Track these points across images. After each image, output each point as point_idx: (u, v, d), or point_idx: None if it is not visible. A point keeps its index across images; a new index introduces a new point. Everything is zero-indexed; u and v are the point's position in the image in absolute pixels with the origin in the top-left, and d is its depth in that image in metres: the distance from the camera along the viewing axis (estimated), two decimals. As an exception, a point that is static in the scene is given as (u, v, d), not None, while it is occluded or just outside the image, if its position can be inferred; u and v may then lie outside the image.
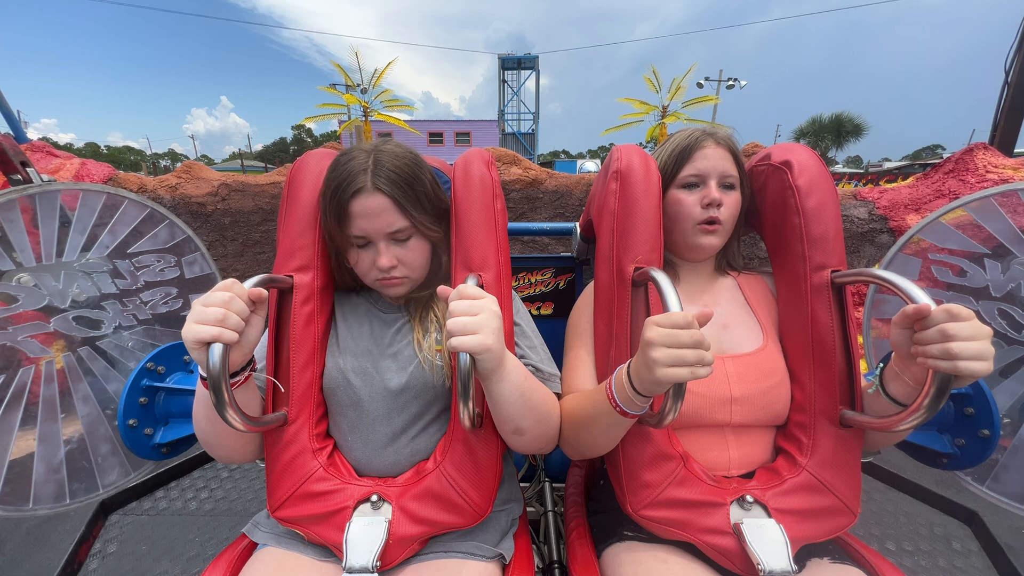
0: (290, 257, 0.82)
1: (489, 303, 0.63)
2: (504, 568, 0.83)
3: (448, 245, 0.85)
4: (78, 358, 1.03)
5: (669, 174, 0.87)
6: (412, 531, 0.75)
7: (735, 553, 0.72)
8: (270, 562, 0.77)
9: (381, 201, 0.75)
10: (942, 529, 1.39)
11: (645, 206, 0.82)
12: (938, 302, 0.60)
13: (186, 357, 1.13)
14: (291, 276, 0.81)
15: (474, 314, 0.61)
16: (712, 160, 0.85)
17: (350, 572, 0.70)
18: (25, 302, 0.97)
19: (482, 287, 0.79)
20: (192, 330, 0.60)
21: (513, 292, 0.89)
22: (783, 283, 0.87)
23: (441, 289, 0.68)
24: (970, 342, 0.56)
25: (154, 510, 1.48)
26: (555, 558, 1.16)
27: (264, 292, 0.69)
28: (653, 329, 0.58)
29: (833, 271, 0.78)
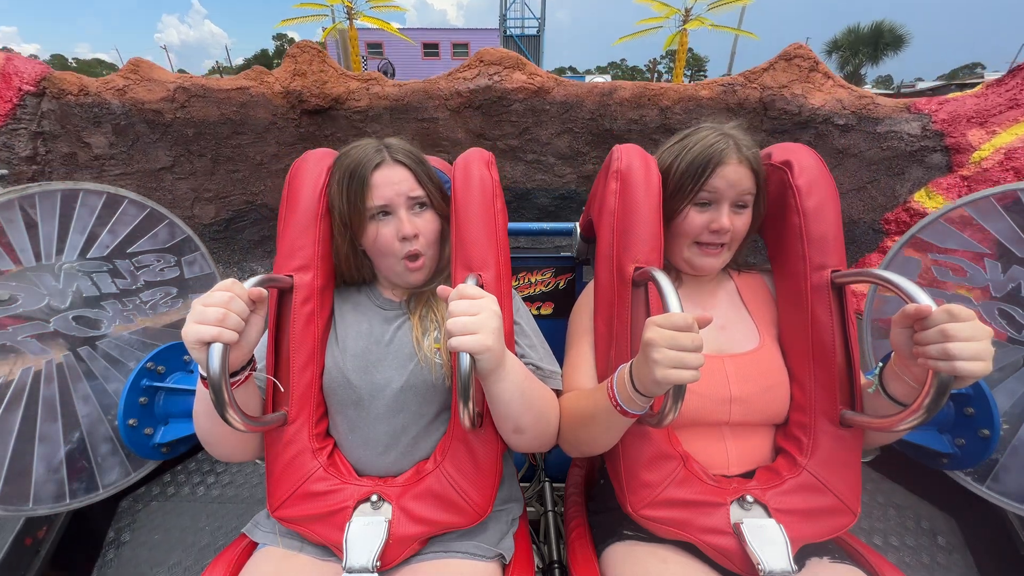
0: (290, 256, 0.82)
1: (488, 303, 0.63)
2: (504, 568, 0.83)
3: (449, 234, 0.87)
4: (78, 358, 1.03)
5: (686, 187, 0.82)
6: (412, 531, 0.75)
7: (735, 553, 0.72)
8: (270, 562, 0.77)
9: (401, 171, 0.82)
10: (929, 523, 1.37)
11: (645, 206, 0.82)
12: (938, 302, 0.60)
13: (186, 357, 1.13)
14: (291, 276, 0.81)
15: (474, 314, 0.61)
16: (730, 179, 0.80)
17: (350, 572, 0.70)
18: (25, 302, 0.97)
19: (482, 287, 0.79)
20: (192, 330, 0.60)
21: (513, 291, 0.89)
22: (783, 283, 0.87)
23: (441, 289, 0.68)
24: (969, 342, 0.56)
25: (163, 496, 1.48)
26: (555, 558, 1.16)
27: (264, 291, 0.69)
28: (654, 330, 0.58)
29: (833, 271, 0.78)
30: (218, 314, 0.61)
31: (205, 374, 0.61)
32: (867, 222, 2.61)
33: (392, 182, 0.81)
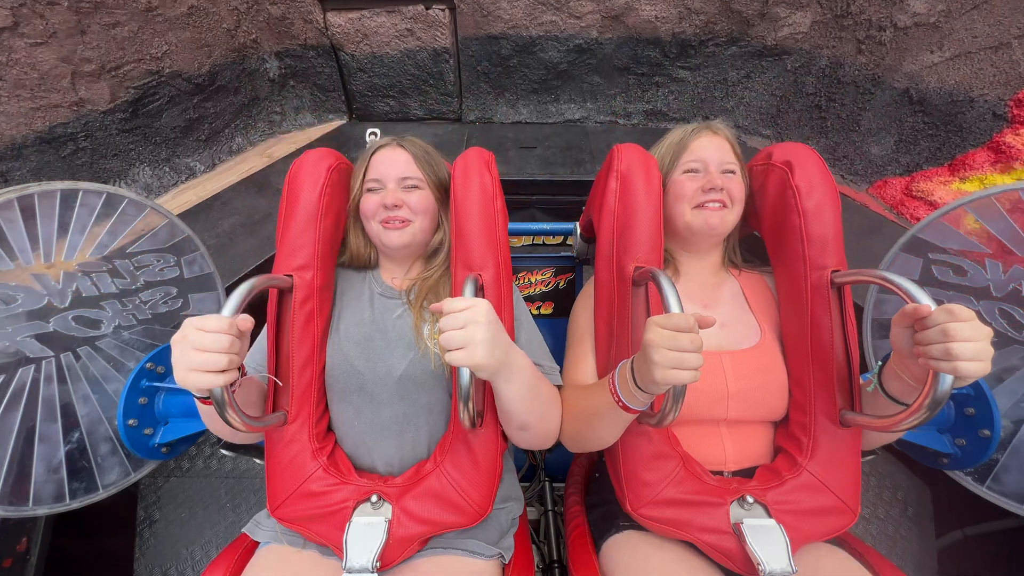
0: (291, 256, 0.83)
1: (475, 314, 0.61)
2: (504, 567, 0.83)
3: (448, 216, 0.90)
4: (78, 358, 1.03)
5: (669, 164, 0.89)
6: (412, 531, 0.75)
7: (735, 553, 0.72)
8: (273, 558, 0.78)
9: (401, 153, 0.90)
10: (904, 493, 1.34)
11: (645, 206, 0.82)
12: (939, 302, 0.60)
13: (186, 357, 1.13)
14: (291, 276, 0.81)
15: (459, 327, 0.61)
16: (710, 149, 0.86)
17: (350, 572, 0.70)
18: (24, 302, 0.97)
19: (482, 287, 0.80)
20: (190, 380, 0.58)
21: (515, 288, 0.89)
22: (783, 283, 0.87)
23: (434, 307, 0.66)
24: (970, 342, 0.56)
25: (179, 471, 1.48)
26: (555, 557, 1.16)
27: (250, 323, 0.64)
28: (654, 331, 0.58)
29: (833, 271, 0.78)
30: (223, 360, 0.58)
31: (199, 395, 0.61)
32: (988, 101, 1.76)
33: (387, 162, 0.89)
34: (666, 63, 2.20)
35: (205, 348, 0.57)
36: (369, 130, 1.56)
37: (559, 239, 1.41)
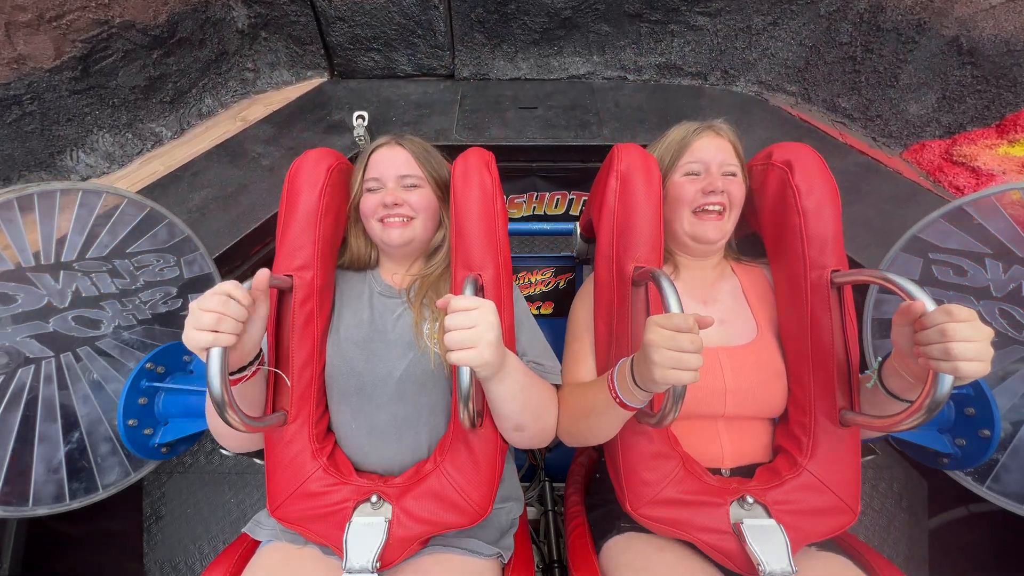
0: (291, 257, 0.83)
1: (483, 314, 0.62)
2: (503, 566, 0.83)
3: (448, 215, 0.90)
4: (77, 358, 1.03)
5: (668, 164, 0.88)
6: (412, 531, 0.75)
7: (735, 553, 0.72)
8: (274, 558, 0.78)
9: (400, 152, 0.90)
10: (900, 485, 1.32)
11: (645, 206, 0.82)
12: (939, 302, 0.60)
13: (186, 357, 1.13)
14: (291, 276, 0.81)
15: (469, 327, 0.60)
16: (711, 151, 0.86)
17: (350, 572, 0.70)
18: (24, 302, 0.97)
19: (482, 287, 0.80)
20: (190, 336, 0.60)
21: (514, 286, 0.89)
22: (782, 282, 0.87)
23: (440, 303, 0.66)
24: (969, 343, 0.56)
25: (181, 467, 1.48)
26: (555, 557, 1.16)
27: (266, 281, 0.68)
28: (654, 331, 0.58)
29: (833, 271, 0.78)
30: (212, 319, 0.60)
31: None
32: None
33: (386, 161, 0.89)
34: (683, 8, 1.94)
35: (205, 308, 0.60)
36: (356, 113, 1.53)
37: (561, 209, 1.38)
